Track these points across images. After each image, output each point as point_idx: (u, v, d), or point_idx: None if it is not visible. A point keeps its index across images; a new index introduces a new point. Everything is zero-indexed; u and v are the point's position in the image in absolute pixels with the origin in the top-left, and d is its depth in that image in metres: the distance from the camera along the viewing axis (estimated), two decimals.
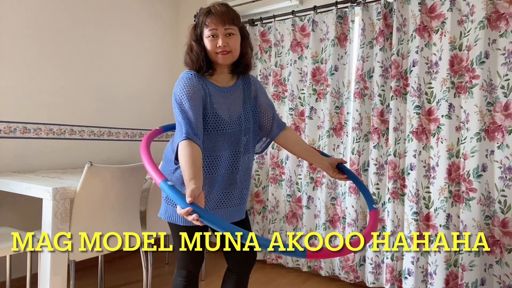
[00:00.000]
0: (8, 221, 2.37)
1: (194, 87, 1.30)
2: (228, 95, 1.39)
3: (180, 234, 1.42)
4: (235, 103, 1.40)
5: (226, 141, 1.36)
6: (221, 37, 1.30)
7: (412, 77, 2.35)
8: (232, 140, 1.37)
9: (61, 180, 2.00)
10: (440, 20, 2.30)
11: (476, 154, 2.15)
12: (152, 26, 3.40)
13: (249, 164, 1.46)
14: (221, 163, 1.36)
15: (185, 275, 1.47)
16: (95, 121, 2.91)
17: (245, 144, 1.42)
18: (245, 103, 1.43)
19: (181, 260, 1.46)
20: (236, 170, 1.40)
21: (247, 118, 1.42)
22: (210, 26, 1.30)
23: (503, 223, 2.10)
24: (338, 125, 2.67)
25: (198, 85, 1.32)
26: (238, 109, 1.40)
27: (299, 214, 2.84)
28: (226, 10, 1.31)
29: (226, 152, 1.36)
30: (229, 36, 1.31)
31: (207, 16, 1.31)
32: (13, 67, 2.39)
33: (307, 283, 2.65)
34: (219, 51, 1.31)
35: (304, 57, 2.84)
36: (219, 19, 1.29)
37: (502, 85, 2.13)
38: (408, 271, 2.34)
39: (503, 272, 2.09)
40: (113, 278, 2.63)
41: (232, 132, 1.37)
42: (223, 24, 1.29)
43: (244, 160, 1.43)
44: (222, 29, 1.30)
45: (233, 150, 1.38)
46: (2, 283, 2.27)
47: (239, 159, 1.40)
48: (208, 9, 1.32)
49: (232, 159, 1.38)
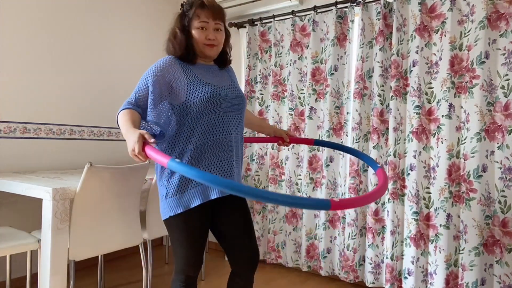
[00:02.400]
0: (8, 221, 2.37)
1: (166, 67, 1.35)
2: (213, 70, 1.45)
3: (180, 232, 1.39)
4: (222, 78, 1.45)
5: (221, 104, 1.36)
6: (211, 30, 1.36)
7: (412, 77, 2.35)
8: (226, 105, 1.38)
9: (61, 180, 2.00)
10: (440, 20, 2.30)
11: (476, 155, 2.15)
12: (152, 26, 3.40)
13: (240, 132, 1.47)
14: (220, 127, 1.36)
15: (184, 279, 1.43)
16: (95, 121, 2.91)
17: (240, 110, 1.44)
18: (232, 81, 1.50)
19: (180, 264, 1.42)
20: (231, 136, 1.40)
21: (237, 88, 1.48)
22: (201, 18, 1.35)
23: (503, 223, 2.10)
24: (338, 125, 2.67)
25: (173, 65, 1.36)
26: (228, 83, 1.45)
27: (299, 214, 2.84)
28: (218, 6, 1.37)
29: (223, 116, 1.37)
30: (217, 31, 1.38)
31: (200, 8, 1.35)
32: (13, 67, 2.39)
33: (307, 283, 2.65)
34: (207, 43, 1.36)
35: (304, 57, 2.84)
36: (212, 14, 1.35)
37: (502, 85, 2.13)
38: (408, 271, 2.34)
39: (503, 272, 2.09)
40: (113, 278, 2.63)
41: (227, 95, 1.39)
42: (214, 19, 1.35)
43: (240, 127, 1.45)
44: (213, 23, 1.36)
45: (228, 116, 1.39)
46: (2, 283, 2.27)
47: (236, 125, 1.42)
48: (201, 2, 1.35)
49: (230, 123, 1.39)
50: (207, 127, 1.35)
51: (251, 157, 3.04)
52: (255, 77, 3.06)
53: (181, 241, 1.40)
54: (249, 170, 3.06)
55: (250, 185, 3.05)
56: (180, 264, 1.42)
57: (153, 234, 2.27)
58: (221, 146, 1.37)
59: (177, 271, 1.44)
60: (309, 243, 2.76)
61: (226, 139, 1.38)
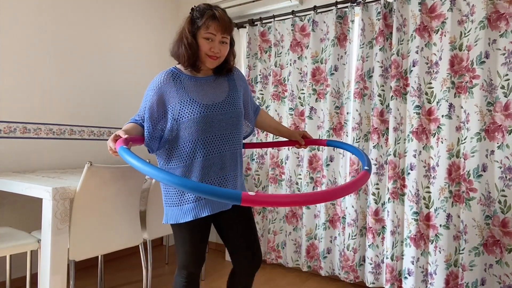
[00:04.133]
0: (8, 221, 2.37)
1: (161, 87, 1.39)
2: (209, 83, 1.44)
3: (181, 233, 1.44)
4: (217, 90, 1.44)
5: (211, 124, 1.37)
6: (217, 43, 1.36)
7: (412, 77, 2.35)
8: (219, 123, 1.39)
9: (61, 180, 2.00)
10: (440, 20, 2.30)
11: (476, 154, 2.15)
12: (152, 27, 3.40)
13: (238, 148, 1.46)
14: (210, 147, 1.37)
15: (186, 275, 1.47)
16: (95, 121, 2.91)
17: (234, 126, 1.43)
18: (231, 90, 1.48)
19: (182, 260, 1.46)
20: (228, 153, 1.41)
21: (233, 101, 1.45)
22: (209, 30, 1.34)
23: (503, 223, 2.10)
24: (338, 125, 2.67)
25: (167, 85, 1.39)
26: (223, 95, 1.44)
27: (299, 214, 2.84)
28: (228, 20, 1.37)
29: (213, 135, 1.38)
30: (223, 44, 1.38)
31: (211, 19, 1.34)
32: (13, 67, 2.39)
33: (307, 283, 2.65)
34: (210, 55, 1.37)
35: (304, 57, 2.84)
36: (221, 28, 1.35)
37: (502, 85, 2.13)
38: (408, 271, 2.34)
39: (503, 272, 2.09)
40: (113, 278, 2.63)
41: (218, 114, 1.39)
42: (222, 32, 1.36)
43: (234, 143, 1.44)
44: (220, 36, 1.36)
45: (219, 134, 1.39)
46: (2, 283, 2.27)
47: (229, 142, 1.42)
48: (213, 13, 1.35)
49: (222, 142, 1.40)
50: (197, 146, 1.36)
51: (251, 157, 3.04)
52: (255, 77, 3.06)
53: (183, 239, 1.44)
54: (249, 170, 3.06)
55: (250, 185, 3.05)
56: (182, 260, 1.46)
57: (153, 234, 2.27)
58: (211, 166, 1.38)
59: (179, 267, 1.49)
60: (309, 243, 2.75)
61: (216, 158, 1.38)
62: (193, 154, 1.36)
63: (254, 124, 1.67)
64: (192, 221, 1.40)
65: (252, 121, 1.66)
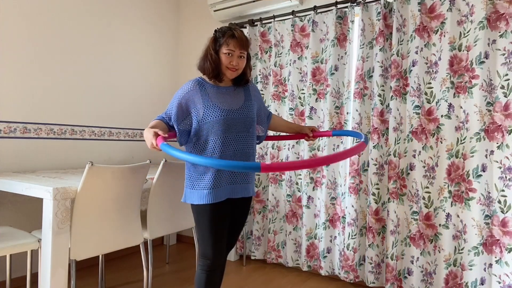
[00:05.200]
0: (8, 221, 2.37)
1: (188, 93, 1.63)
2: (229, 92, 1.69)
3: (203, 214, 1.59)
4: (235, 98, 1.69)
5: (229, 126, 1.60)
6: (235, 57, 1.61)
7: (412, 77, 2.35)
8: (235, 125, 1.62)
9: (62, 180, 2.01)
10: (440, 20, 2.30)
11: (475, 154, 2.15)
12: (153, 27, 3.40)
13: (250, 148, 1.69)
14: (226, 145, 1.60)
15: (207, 265, 1.61)
16: (96, 121, 2.91)
17: (247, 129, 1.66)
18: (246, 100, 1.72)
19: (203, 246, 1.61)
20: (240, 151, 1.64)
21: (248, 108, 1.69)
22: (229, 47, 1.60)
23: (502, 222, 2.10)
24: (338, 125, 2.67)
25: (194, 91, 1.63)
26: (239, 103, 1.68)
27: (299, 213, 2.84)
28: (245, 38, 1.63)
29: (230, 135, 1.60)
30: (240, 58, 1.63)
31: (231, 38, 1.60)
32: (13, 67, 2.40)
33: (307, 282, 2.65)
34: (230, 67, 1.61)
35: (304, 57, 2.84)
36: (239, 44, 1.60)
37: (502, 85, 2.13)
38: (408, 270, 2.34)
39: (503, 272, 2.09)
40: (113, 277, 2.63)
41: (235, 118, 1.63)
42: (240, 48, 1.61)
43: (246, 143, 1.66)
44: (238, 52, 1.61)
45: (237, 135, 1.62)
46: (2, 282, 2.27)
47: (242, 142, 1.65)
48: (232, 33, 1.60)
49: (236, 141, 1.62)
50: (216, 144, 1.59)
51: None
52: (256, 77, 3.07)
53: (207, 225, 1.60)
54: None
55: None
56: (203, 248, 1.62)
57: (154, 234, 2.27)
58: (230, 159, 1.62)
59: (201, 256, 1.64)
60: (309, 242, 2.76)
61: (230, 155, 1.61)
62: (213, 150, 1.59)
63: (267, 128, 1.91)
64: (220, 211, 1.59)
65: (266, 126, 1.90)
